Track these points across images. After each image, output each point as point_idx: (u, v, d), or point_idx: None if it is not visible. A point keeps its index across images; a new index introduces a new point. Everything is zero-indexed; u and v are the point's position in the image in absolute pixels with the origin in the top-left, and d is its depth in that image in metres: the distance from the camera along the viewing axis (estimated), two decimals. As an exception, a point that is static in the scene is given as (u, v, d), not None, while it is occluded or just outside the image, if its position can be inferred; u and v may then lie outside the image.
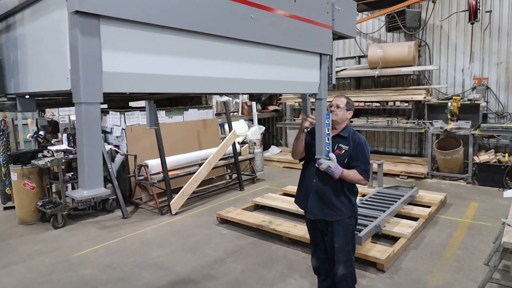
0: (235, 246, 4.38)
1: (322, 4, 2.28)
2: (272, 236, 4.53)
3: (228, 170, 7.49)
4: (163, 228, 5.06)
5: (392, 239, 4.21)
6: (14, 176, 5.29)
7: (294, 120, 9.32)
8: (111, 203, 5.76)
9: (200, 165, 6.30)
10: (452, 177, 7.14)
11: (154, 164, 5.78)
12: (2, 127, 5.83)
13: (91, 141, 1.22)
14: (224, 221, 5.11)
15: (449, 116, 7.21)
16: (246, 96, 9.12)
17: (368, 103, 7.91)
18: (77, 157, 1.25)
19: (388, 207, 4.58)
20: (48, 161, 5.09)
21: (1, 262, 4.12)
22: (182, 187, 5.89)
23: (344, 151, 2.67)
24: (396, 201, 4.82)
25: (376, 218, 4.22)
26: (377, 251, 3.73)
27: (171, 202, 5.60)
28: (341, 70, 8.34)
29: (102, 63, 1.20)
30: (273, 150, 9.92)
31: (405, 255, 3.95)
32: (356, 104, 7.88)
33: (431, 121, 7.41)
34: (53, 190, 5.68)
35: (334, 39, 2.68)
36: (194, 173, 6.08)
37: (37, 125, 6.35)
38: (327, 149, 2.50)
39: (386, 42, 8.59)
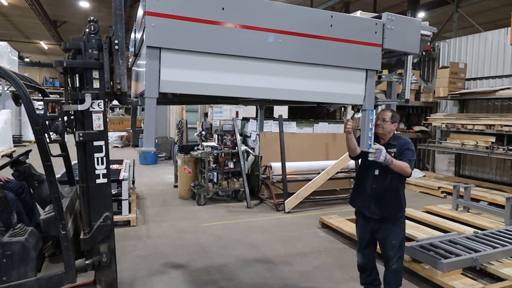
0: (323, 247, 4.72)
1: (368, 25, 2.58)
2: (362, 247, 4.61)
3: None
4: (272, 221, 5.84)
5: (499, 280, 3.65)
6: (179, 162, 7.18)
7: (441, 143, 8.49)
8: (241, 194, 6.96)
9: (319, 173, 6.79)
10: None
11: (277, 166, 6.65)
12: (179, 126, 7.95)
13: (149, 120, 2.11)
14: (325, 226, 5.46)
15: None
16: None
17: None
18: (143, 129, 2.16)
19: (506, 245, 3.94)
20: (199, 153, 6.70)
21: (159, 219, 5.81)
22: (299, 190, 6.52)
23: (393, 154, 2.95)
24: (522, 242, 4.05)
25: (479, 252, 3.75)
26: (461, 283, 3.39)
27: (285, 201, 6.33)
28: (502, 89, 7.15)
29: (160, 75, 2.08)
30: (415, 174, 9.24)
31: (505, 300, 3.40)
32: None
33: None
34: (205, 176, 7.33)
35: (397, 55, 2.89)
36: (311, 179, 6.62)
37: (202, 127, 8.28)
38: (369, 143, 2.74)
39: None
